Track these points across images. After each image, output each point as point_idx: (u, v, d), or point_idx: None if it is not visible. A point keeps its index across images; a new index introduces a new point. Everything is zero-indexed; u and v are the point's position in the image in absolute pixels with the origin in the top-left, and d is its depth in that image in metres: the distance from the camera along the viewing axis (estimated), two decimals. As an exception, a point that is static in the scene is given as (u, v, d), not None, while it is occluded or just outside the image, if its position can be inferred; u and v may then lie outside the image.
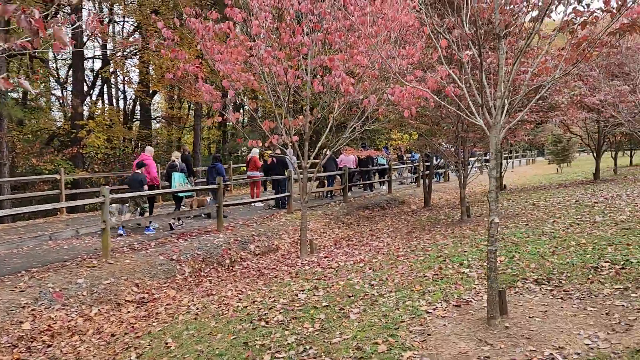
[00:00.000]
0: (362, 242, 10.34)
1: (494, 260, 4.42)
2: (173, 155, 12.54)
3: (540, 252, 6.90)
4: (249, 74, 8.47)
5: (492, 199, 4.35)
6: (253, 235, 10.84)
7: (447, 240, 8.80)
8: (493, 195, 4.34)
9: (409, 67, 8.62)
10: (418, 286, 5.99)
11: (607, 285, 5.19)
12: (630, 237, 7.14)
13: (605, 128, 16.45)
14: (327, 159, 16.32)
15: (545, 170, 34.94)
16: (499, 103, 4.25)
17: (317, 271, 7.74)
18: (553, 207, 11.45)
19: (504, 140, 12.61)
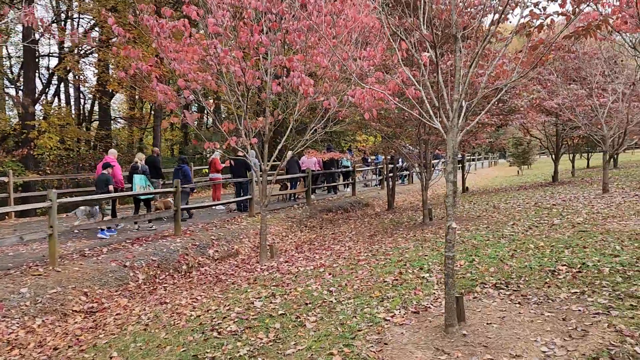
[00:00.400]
0: (324, 246, 10.18)
1: (452, 266, 4.31)
2: (137, 156, 12.21)
3: (500, 255, 6.88)
4: (207, 74, 8.21)
5: (450, 204, 4.25)
6: (212, 240, 10.53)
7: (408, 244, 8.73)
8: (451, 200, 4.24)
9: (371, 69, 8.53)
10: (377, 292, 5.86)
11: (564, 289, 5.17)
12: (586, 240, 7.20)
13: (563, 131, 16.81)
14: (290, 161, 16.18)
15: (506, 172, 35.63)
16: (455, 105, 4.14)
17: (276, 277, 7.53)
18: (513, 210, 11.57)
19: (466, 142, 12.69)
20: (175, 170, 13.25)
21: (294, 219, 13.59)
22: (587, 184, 16.04)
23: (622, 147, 13.01)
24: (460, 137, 4.30)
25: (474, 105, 4.30)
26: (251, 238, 11.43)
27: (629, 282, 5.10)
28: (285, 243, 11.65)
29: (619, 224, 8.22)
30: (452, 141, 4.18)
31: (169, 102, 7.68)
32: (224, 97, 8.62)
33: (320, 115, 8.68)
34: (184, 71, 7.87)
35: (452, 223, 4.25)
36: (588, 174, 21.94)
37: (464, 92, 4.16)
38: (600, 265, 5.75)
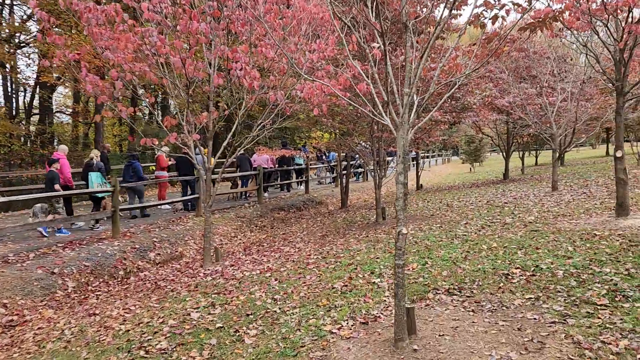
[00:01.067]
0: (273, 248, 9.73)
1: (402, 275, 3.96)
2: (92, 153, 11.68)
3: (453, 257, 6.63)
4: (144, 64, 7.60)
5: (400, 207, 3.89)
6: (154, 242, 9.89)
7: (360, 245, 8.40)
8: (401, 204, 3.88)
9: (322, 63, 8.13)
10: (325, 300, 5.47)
11: (519, 295, 4.93)
12: (539, 240, 7.06)
13: (514, 129, 16.97)
14: (241, 159, 15.63)
15: (459, 169, 36.16)
16: (406, 100, 3.79)
17: (218, 283, 7.03)
18: (466, 208, 11.46)
19: (420, 140, 12.51)
20: (126, 166, 12.56)
21: (243, 219, 13.07)
22: (536, 182, 16.23)
23: (571, 145, 13.16)
24: (412, 134, 3.95)
25: (426, 101, 3.95)
26: (197, 239, 10.84)
27: (584, 286, 4.91)
28: (233, 244, 11.13)
29: (570, 223, 8.16)
30: (403, 139, 3.82)
31: (100, 95, 7.03)
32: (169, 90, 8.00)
33: (267, 110, 8.21)
34: (119, 61, 7.24)
35: (403, 228, 3.90)
36: (537, 172, 22.38)
37: (415, 86, 3.80)
38: (553, 268, 5.56)
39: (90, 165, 10.99)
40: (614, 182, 12.56)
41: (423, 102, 3.94)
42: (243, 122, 8.63)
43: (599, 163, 23.00)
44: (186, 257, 10.03)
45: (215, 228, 11.76)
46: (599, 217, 8.41)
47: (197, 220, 12.09)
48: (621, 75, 7.53)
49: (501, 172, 20.94)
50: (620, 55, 7.41)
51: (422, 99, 4.12)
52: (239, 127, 8.20)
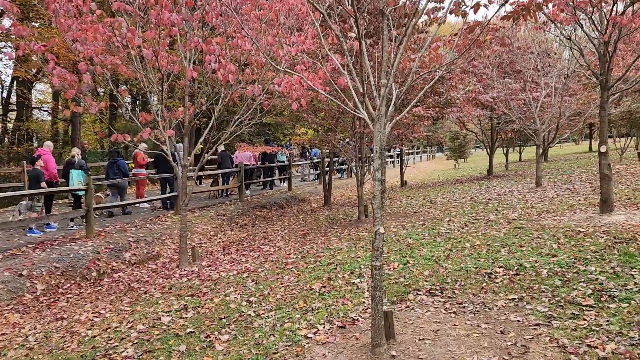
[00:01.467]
0: (253, 247, 9.48)
1: (379, 277, 3.75)
2: (73, 150, 11.54)
3: (435, 256, 6.45)
4: (116, 57, 7.30)
5: (377, 206, 3.68)
6: (130, 242, 9.57)
7: (341, 244, 8.19)
8: (378, 202, 3.67)
9: (303, 56, 7.89)
10: (302, 302, 5.24)
11: (502, 295, 4.76)
12: (522, 237, 6.91)
13: (498, 125, 16.89)
14: (222, 156, 15.33)
15: (444, 165, 36.18)
16: (383, 92, 3.57)
17: (193, 284, 6.77)
18: (449, 205, 11.31)
19: (403, 136, 12.33)
20: (110, 163, 12.23)
21: (224, 217, 12.79)
22: (520, 178, 16.18)
23: (554, 141, 13.09)
24: (389, 128, 3.73)
25: (404, 92, 3.74)
26: (175, 239, 10.53)
27: (568, 286, 4.74)
28: (212, 243, 10.85)
29: (554, 220, 8.03)
30: (380, 133, 3.60)
31: (68, 89, 6.71)
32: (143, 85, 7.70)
33: (245, 105, 7.95)
34: (89, 54, 6.93)
35: (380, 228, 3.68)
36: (521, 167, 22.39)
37: (393, 77, 3.58)
38: (537, 266, 5.40)
39: (72, 163, 10.88)
40: (597, 177, 12.53)
41: (401, 93, 3.70)
42: (220, 117, 8.35)
43: (582, 159, 23.08)
44: (163, 257, 9.73)
45: (195, 227, 11.48)
46: (583, 213, 8.30)
47: (175, 218, 11.79)
48: (605, 69, 7.40)
49: (485, 168, 20.89)
50: (604, 48, 7.27)
51: (401, 90, 3.90)
52: (215, 122, 7.92)
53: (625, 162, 16.49)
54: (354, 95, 3.89)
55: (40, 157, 10.12)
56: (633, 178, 12.13)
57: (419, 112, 9.32)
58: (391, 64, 3.52)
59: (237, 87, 7.69)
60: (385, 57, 3.59)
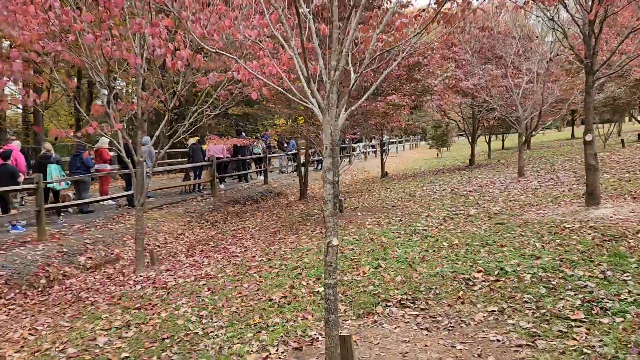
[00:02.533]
0: (219, 247, 8.86)
1: (334, 297, 3.17)
2: (46, 146, 11.11)
3: (410, 258, 5.89)
4: (57, 43, 6.57)
5: (329, 214, 3.08)
6: (86, 244, 8.87)
7: (311, 244, 7.61)
8: (330, 208, 3.07)
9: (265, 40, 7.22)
10: (257, 317, 4.65)
11: (480, 307, 4.21)
12: (504, 235, 6.39)
13: (479, 113, 16.39)
14: (194, 149, 14.64)
15: (426, 154, 35.76)
16: (333, 76, 2.96)
17: (145, 294, 6.14)
18: (429, 198, 10.79)
19: (380, 125, 11.73)
20: (73, 157, 11.57)
21: (193, 214, 12.12)
22: (503, 167, 15.73)
23: (537, 128, 12.61)
24: (343, 120, 3.13)
25: (359, 76, 3.13)
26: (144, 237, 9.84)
27: (555, 294, 4.21)
28: (178, 243, 10.19)
29: (537, 214, 7.54)
30: (330, 125, 3.00)
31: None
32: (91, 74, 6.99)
33: (203, 95, 7.29)
34: (25, 40, 6.20)
35: (333, 239, 3.09)
36: (504, 156, 21.98)
37: (345, 58, 2.97)
38: (520, 271, 4.86)
39: (48, 157, 10.57)
40: (581, 166, 12.09)
41: (357, 77, 3.09)
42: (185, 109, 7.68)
43: (565, 146, 22.75)
44: (123, 259, 9.06)
45: (161, 225, 10.81)
46: (568, 206, 7.82)
47: (140, 217, 11.08)
48: (591, 52, 6.87)
49: (468, 157, 20.43)
50: (589, 29, 6.73)
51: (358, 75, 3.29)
52: (171, 115, 7.25)
53: (609, 149, 16.12)
54: (304, 82, 3.27)
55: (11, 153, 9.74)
56: (618, 166, 11.72)
57: (394, 101, 8.73)
58: (340, 42, 2.90)
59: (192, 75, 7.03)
60: (335, 35, 2.98)
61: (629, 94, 16.80)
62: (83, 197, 11.24)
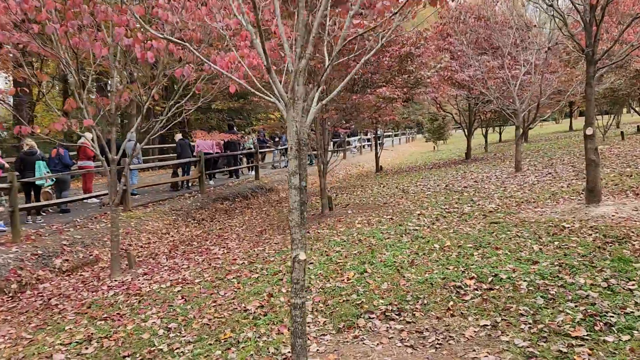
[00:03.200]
0: (202, 248, 8.46)
1: (301, 319, 2.77)
2: (29, 141, 10.60)
3: (398, 262, 5.50)
4: (21, 33, 6.13)
5: (295, 224, 2.68)
6: (63, 245, 8.47)
7: (297, 244, 7.21)
8: (296, 218, 2.67)
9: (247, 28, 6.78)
10: (229, 331, 4.26)
11: (471, 319, 3.82)
12: (499, 236, 6.00)
13: (476, 105, 15.96)
14: (182, 144, 14.22)
15: (423, 147, 35.34)
16: (300, 65, 2.55)
17: (117, 301, 5.74)
18: (422, 194, 10.39)
19: (372, 118, 11.31)
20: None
21: (180, 212, 11.70)
22: (499, 161, 15.34)
23: (535, 121, 12.20)
24: (313, 116, 2.72)
25: (330, 66, 2.72)
26: (119, 240, 9.44)
27: (553, 306, 3.83)
28: (162, 243, 9.79)
29: (535, 212, 7.15)
30: (296, 122, 2.59)
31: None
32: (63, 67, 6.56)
33: (179, 88, 6.87)
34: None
35: (300, 253, 2.69)
36: (500, 149, 21.57)
37: (311, 44, 2.56)
38: (516, 278, 4.47)
39: (33, 153, 10.19)
40: (580, 160, 11.72)
41: (327, 68, 2.68)
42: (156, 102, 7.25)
43: (563, 138, 22.36)
44: (103, 261, 8.65)
45: (145, 224, 10.40)
46: (567, 203, 7.43)
47: (124, 215, 10.67)
48: (592, 40, 6.45)
49: (464, 150, 20.03)
50: (590, 15, 6.31)
51: (330, 64, 2.88)
52: (142, 110, 6.83)
53: (609, 142, 15.73)
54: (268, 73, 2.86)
55: None
56: (618, 160, 11.33)
57: (384, 93, 8.31)
58: (304, 25, 2.49)
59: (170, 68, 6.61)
60: (302, 17, 2.56)
61: (629, 85, 16.37)
62: (63, 196, 10.82)
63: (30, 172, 9.97)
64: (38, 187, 10.31)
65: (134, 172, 13.14)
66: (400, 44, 8.71)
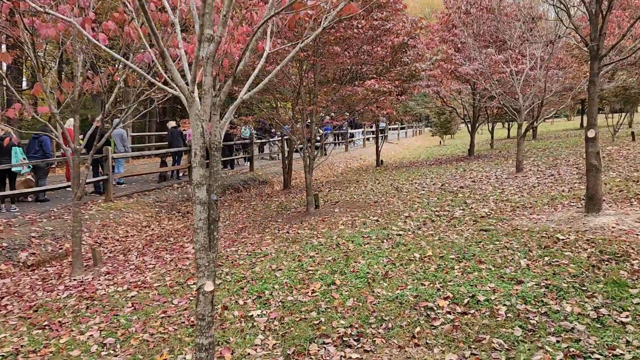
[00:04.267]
0: (177, 244, 8.00)
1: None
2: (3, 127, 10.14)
3: (371, 273, 5.00)
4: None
5: (201, 246, 2.18)
6: (32, 238, 8.05)
7: (272, 247, 6.73)
8: (201, 240, 2.17)
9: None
10: (167, 352, 3.79)
11: (437, 353, 3.32)
12: (486, 247, 5.47)
13: (481, 100, 15.30)
14: (173, 133, 13.77)
15: (429, 142, 34.70)
16: (206, 51, 2.03)
17: (67, 305, 5.30)
18: (416, 193, 9.85)
19: (368, 111, 10.73)
20: (32, 139, 10.69)
21: (164, 203, 11.26)
22: (502, 159, 14.71)
23: (538, 119, 11.56)
24: (230, 115, 2.20)
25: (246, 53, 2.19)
26: (94, 232, 9.02)
27: (532, 340, 3.31)
28: (140, 237, 9.34)
29: (529, 219, 6.60)
30: (201, 121, 2.08)
31: None
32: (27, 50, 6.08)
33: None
34: None
35: (207, 283, 2.20)
36: (507, 146, 20.89)
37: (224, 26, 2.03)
38: (495, 300, 3.95)
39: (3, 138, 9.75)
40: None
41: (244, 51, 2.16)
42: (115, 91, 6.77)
43: (572, 137, 21.63)
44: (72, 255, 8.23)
45: (124, 216, 9.96)
46: (565, 210, 6.87)
47: (104, 206, 10.25)
48: (597, 34, 5.85)
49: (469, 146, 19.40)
50: (596, 6, 5.71)
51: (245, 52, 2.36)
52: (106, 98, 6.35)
53: (618, 143, 15.03)
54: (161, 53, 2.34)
55: None
56: (626, 163, 10.69)
57: (373, 86, 7.74)
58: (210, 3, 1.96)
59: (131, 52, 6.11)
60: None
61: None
62: (40, 185, 10.40)
63: (5, 158, 9.55)
64: (14, 175, 9.90)
65: (120, 161, 12.72)
66: (394, 33, 8.14)
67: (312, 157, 8.81)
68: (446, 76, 14.49)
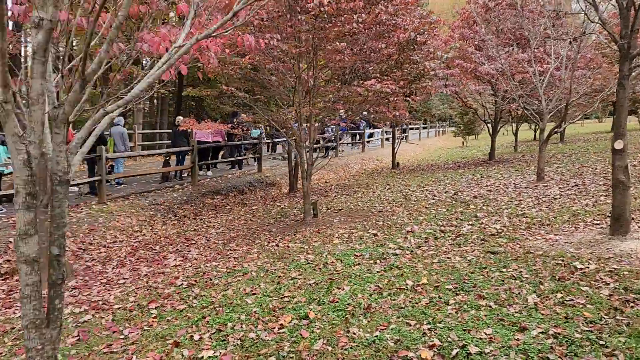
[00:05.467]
0: (159, 255, 7.44)
1: None
2: None
3: (353, 304, 4.31)
4: None
5: (31, 323, 1.52)
6: (9, 243, 7.59)
7: (255, 263, 6.11)
8: (29, 314, 1.51)
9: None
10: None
11: None
12: (490, 275, 4.72)
13: (502, 102, 14.37)
14: (175, 133, 13.28)
15: (452, 142, 33.63)
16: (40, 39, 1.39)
17: (13, 328, 4.75)
18: (425, 202, 9.09)
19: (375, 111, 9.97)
20: None
21: (161, 206, 10.74)
22: (524, 165, 13.78)
23: (562, 124, 10.62)
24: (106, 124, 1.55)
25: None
26: (80, 236, 8.53)
27: (529, 419, 2.58)
28: (129, 243, 8.81)
29: (545, 240, 5.81)
30: (27, 145, 1.43)
31: None
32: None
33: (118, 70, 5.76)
34: None
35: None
36: (532, 149, 19.83)
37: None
38: (489, 354, 3.22)
39: None
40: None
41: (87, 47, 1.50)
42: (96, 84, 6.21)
43: (602, 140, 20.42)
44: (52, 263, 7.73)
45: (115, 220, 9.47)
46: (587, 231, 6.05)
47: (96, 209, 9.77)
48: (628, 29, 5.02)
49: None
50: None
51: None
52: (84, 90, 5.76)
53: (652, 150, 13.94)
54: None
55: None
56: (659, 174, 9.73)
57: (374, 87, 7.01)
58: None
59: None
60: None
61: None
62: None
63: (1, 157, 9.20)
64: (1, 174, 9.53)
65: (120, 160, 12.28)
66: (401, 28, 7.40)
67: (310, 163, 8.13)
68: (466, 76, 13.65)
